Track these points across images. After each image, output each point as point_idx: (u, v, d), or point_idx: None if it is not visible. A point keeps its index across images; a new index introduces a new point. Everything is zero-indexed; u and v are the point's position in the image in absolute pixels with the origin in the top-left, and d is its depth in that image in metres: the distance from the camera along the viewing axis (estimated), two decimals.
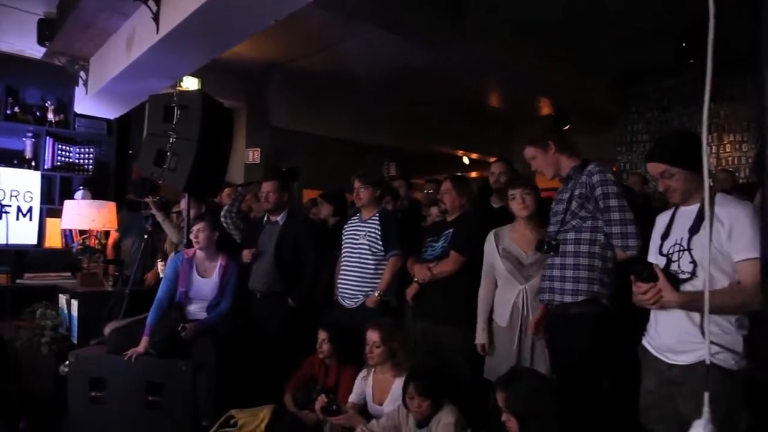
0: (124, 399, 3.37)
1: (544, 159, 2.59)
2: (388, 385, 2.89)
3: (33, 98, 5.24)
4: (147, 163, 3.69)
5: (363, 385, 3.01)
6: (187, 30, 3.35)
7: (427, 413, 2.60)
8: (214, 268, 3.60)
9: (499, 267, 2.86)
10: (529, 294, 2.76)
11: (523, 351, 2.78)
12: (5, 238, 4.47)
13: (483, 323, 2.92)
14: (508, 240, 2.88)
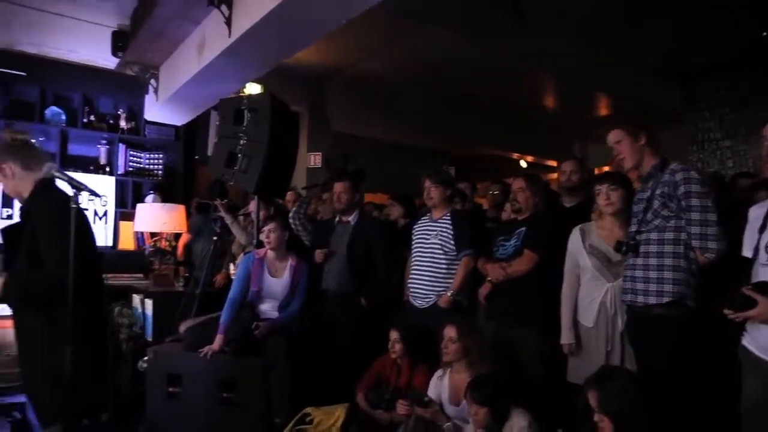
0: (200, 395, 3.44)
1: (631, 147, 2.51)
2: (464, 385, 2.84)
3: (106, 107, 5.46)
4: (218, 165, 3.78)
5: (439, 385, 2.97)
6: (259, 32, 3.42)
7: (485, 422, 2.54)
8: (285, 268, 3.64)
9: (585, 264, 2.77)
10: (617, 292, 2.67)
11: (612, 353, 2.68)
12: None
13: (569, 322, 2.82)
14: (596, 236, 2.80)
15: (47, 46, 5.08)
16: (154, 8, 4.03)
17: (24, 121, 4.99)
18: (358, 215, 3.78)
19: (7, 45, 4.93)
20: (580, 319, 2.79)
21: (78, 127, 5.19)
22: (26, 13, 4.97)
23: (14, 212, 4.57)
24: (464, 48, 5.66)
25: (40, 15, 5.01)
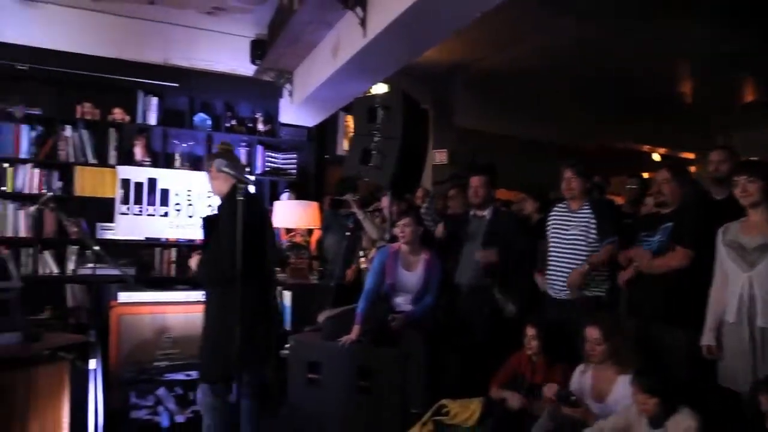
0: (338, 382, 3.59)
1: None
2: (609, 381, 2.75)
3: (245, 111, 5.85)
4: (353, 162, 3.93)
5: (581, 379, 2.88)
6: (393, 31, 3.50)
7: (654, 412, 2.43)
8: (419, 262, 3.70)
9: (722, 257, 2.66)
10: (755, 282, 2.50)
11: (756, 349, 2.50)
12: None
13: (712, 323, 2.69)
14: (734, 230, 2.68)
15: (195, 59, 5.55)
16: (291, 16, 4.27)
17: (176, 127, 5.48)
18: (492, 210, 3.77)
19: (164, 60, 5.44)
20: (726, 316, 2.64)
21: (222, 131, 5.61)
22: (179, 31, 5.47)
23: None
24: (594, 38, 5.44)
25: (189, 31, 5.51)
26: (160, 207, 5.08)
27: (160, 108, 5.42)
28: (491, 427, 3.11)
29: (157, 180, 5.07)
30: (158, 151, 5.39)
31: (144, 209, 5.04)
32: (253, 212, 2.81)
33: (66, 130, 5.10)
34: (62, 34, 5.07)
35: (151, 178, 5.05)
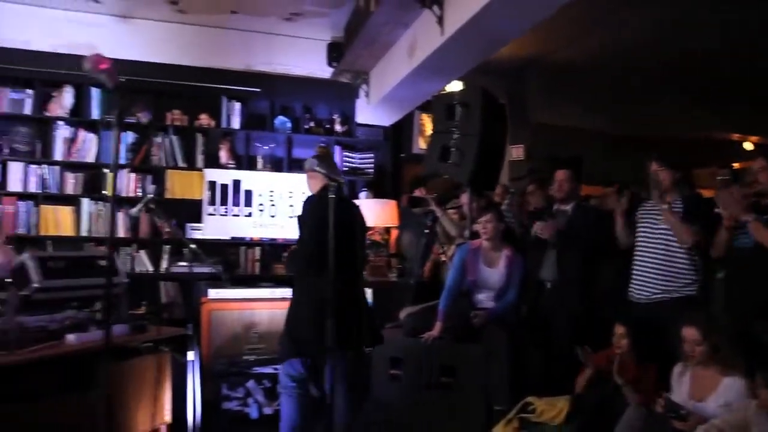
0: (420, 379, 3.63)
1: None
2: (711, 382, 2.63)
3: (323, 113, 6.00)
4: (433, 159, 3.95)
5: (679, 380, 2.78)
6: (472, 28, 3.49)
7: None
8: (500, 258, 3.68)
9: None
10: None
11: None
12: None
13: None
14: None
15: (275, 64, 5.75)
16: (368, 17, 4.34)
17: (258, 130, 5.69)
18: (575, 205, 3.69)
19: (246, 67, 5.68)
20: None
21: (301, 133, 5.78)
22: (259, 38, 5.69)
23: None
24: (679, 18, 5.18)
25: (269, 38, 5.72)
26: (245, 207, 5.28)
27: (243, 112, 5.65)
28: (579, 425, 3.05)
29: (241, 182, 5.27)
30: (242, 153, 5.62)
31: (229, 210, 5.25)
32: (342, 210, 2.92)
33: (158, 137, 5.42)
34: (153, 47, 5.39)
35: (235, 179, 5.26)
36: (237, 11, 5.25)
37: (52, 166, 5.21)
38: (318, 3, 5.03)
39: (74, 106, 5.36)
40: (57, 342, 2.59)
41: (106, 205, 5.26)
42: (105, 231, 5.23)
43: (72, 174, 5.26)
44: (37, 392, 2.51)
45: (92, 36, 5.28)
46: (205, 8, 5.20)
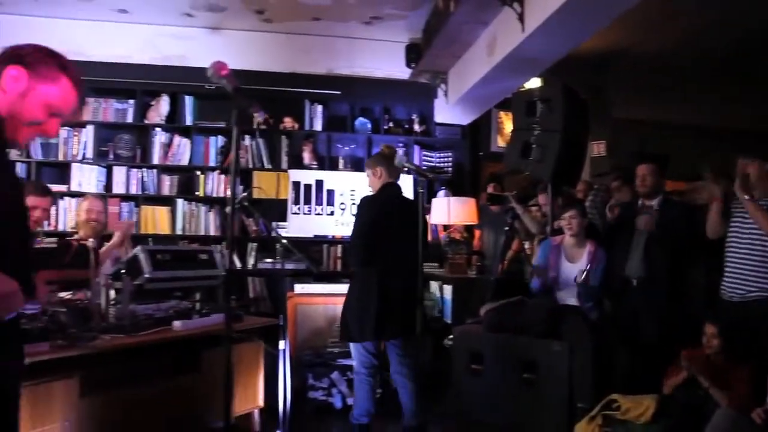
0: (501, 373, 3.65)
1: None
2: None
3: (401, 114, 6.12)
4: (514, 156, 3.96)
5: None
6: (553, 23, 3.48)
7: None
8: (583, 254, 3.65)
9: None
10: None
11: None
12: None
13: None
14: None
15: (355, 67, 5.92)
16: (447, 17, 4.39)
17: (339, 132, 5.89)
18: (661, 200, 3.59)
19: (328, 71, 5.89)
20: None
21: (380, 134, 5.92)
22: (340, 42, 5.88)
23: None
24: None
25: (350, 42, 5.89)
26: (327, 206, 5.47)
27: (325, 115, 5.86)
28: (668, 425, 2.98)
29: (323, 181, 5.47)
30: (324, 154, 5.83)
31: (312, 209, 5.46)
32: (402, 207, 3.49)
33: (245, 140, 5.71)
34: (241, 55, 5.67)
35: (318, 179, 5.46)
36: (319, 18, 5.45)
37: (151, 169, 5.61)
38: (397, 6, 5.14)
39: (169, 114, 5.75)
40: (165, 328, 2.82)
41: (198, 205, 5.61)
42: (197, 229, 5.60)
43: (168, 176, 5.65)
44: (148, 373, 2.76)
45: (186, 48, 5.66)
46: (290, 16, 5.44)
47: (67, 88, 1.61)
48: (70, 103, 1.63)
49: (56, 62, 1.60)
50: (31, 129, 1.59)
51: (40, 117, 1.58)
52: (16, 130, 1.56)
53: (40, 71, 1.56)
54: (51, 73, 1.58)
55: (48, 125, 1.61)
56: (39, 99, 1.56)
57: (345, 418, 3.77)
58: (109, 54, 5.54)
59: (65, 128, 5.49)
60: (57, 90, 1.58)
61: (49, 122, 1.60)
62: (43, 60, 1.58)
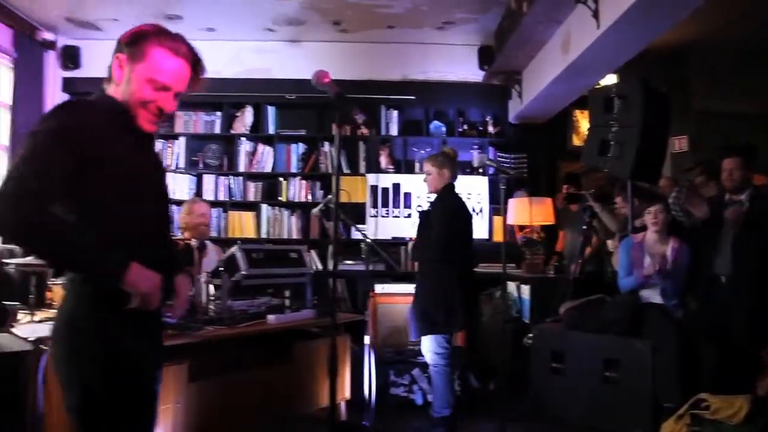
0: (583, 372, 3.63)
1: None
2: None
3: (475, 116, 6.18)
4: (591, 154, 3.94)
5: None
6: (629, 18, 3.45)
7: None
8: (666, 251, 3.59)
9: None
10: None
11: None
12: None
13: None
14: None
15: (429, 72, 6.04)
16: (520, 18, 4.44)
17: (414, 136, 6.03)
18: (750, 194, 3.48)
19: (403, 77, 6.05)
20: None
21: (455, 137, 6.01)
22: (414, 48, 6.03)
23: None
24: None
25: (423, 48, 6.03)
26: (404, 209, 5.62)
27: (400, 119, 6.02)
28: (763, 426, 2.89)
29: (400, 185, 5.62)
30: (400, 158, 5.99)
31: (390, 212, 5.62)
32: (462, 206, 3.77)
33: (324, 146, 5.96)
34: (319, 65, 5.79)
35: (395, 183, 5.62)
36: (393, 26, 5.61)
37: (237, 176, 5.96)
38: (468, 10, 5.23)
39: (253, 123, 6.09)
40: (260, 321, 3.04)
41: (281, 210, 5.90)
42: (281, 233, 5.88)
43: (253, 183, 5.98)
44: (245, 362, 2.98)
45: (268, 61, 5.98)
46: (365, 25, 5.63)
47: (161, 58, 1.59)
48: (171, 72, 1.61)
49: (148, 37, 1.60)
50: (146, 110, 1.60)
51: (147, 96, 1.59)
52: (138, 115, 1.60)
53: (133, 52, 1.59)
54: (141, 49, 1.58)
55: (161, 101, 1.61)
56: (139, 78, 1.58)
57: (426, 413, 3.87)
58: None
59: (160, 140, 5.94)
60: (150, 64, 1.58)
61: (160, 98, 1.60)
62: (135, 40, 1.60)
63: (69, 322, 1.54)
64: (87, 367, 1.51)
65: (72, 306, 1.55)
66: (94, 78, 5.80)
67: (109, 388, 1.52)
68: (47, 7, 5.40)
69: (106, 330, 1.52)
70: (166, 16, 5.45)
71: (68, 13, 5.51)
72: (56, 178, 1.43)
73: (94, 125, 1.52)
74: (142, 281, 1.48)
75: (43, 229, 1.39)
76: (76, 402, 1.52)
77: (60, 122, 1.48)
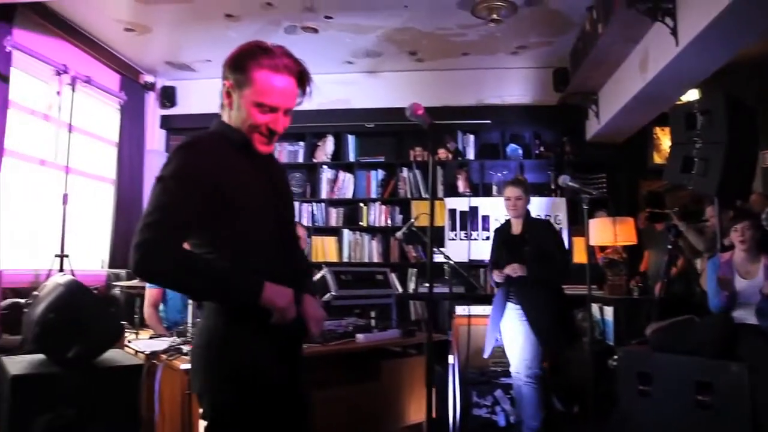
0: (672, 395, 3.53)
1: None
2: None
3: (551, 137, 6.19)
4: (674, 171, 3.88)
5: None
6: (709, 33, 3.42)
7: None
8: (758, 269, 3.47)
9: None
10: None
11: None
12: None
13: None
14: None
15: (504, 96, 6.15)
16: (596, 39, 4.46)
17: (491, 159, 6.11)
18: None
19: (478, 101, 6.19)
20: None
21: (531, 159, 6.05)
22: (488, 74, 6.17)
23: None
24: None
25: (497, 72, 6.17)
26: (482, 231, 5.68)
27: (476, 144, 6.14)
28: None
29: (478, 208, 5.70)
30: (477, 182, 6.08)
31: (468, 234, 5.70)
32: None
33: (403, 172, 6.15)
34: (396, 94, 6.16)
35: (472, 206, 5.71)
36: (468, 53, 5.77)
37: (319, 203, 6.25)
38: (542, 34, 5.30)
39: (334, 152, 6.38)
40: (349, 340, 3.20)
41: (362, 234, 6.11)
42: (362, 256, 6.08)
43: (334, 209, 6.24)
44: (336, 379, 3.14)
45: (348, 92, 6.28)
46: (440, 54, 5.82)
47: (264, 80, 1.59)
48: (276, 92, 1.60)
49: (248, 60, 1.61)
50: (259, 133, 1.64)
51: (257, 120, 1.62)
52: (253, 139, 1.65)
53: (238, 78, 1.61)
54: (244, 74, 1.60)
55: (271, 123, 1.63)
56: (247, 103, 1.61)
57: None
58: None
59: None
60: (255, 88, 1.59)
61: (270, 120, 1.63)
62: (237, 65, 1.62)
63: (206, 337, 1.63)
64: (220, 380, 1.58)
65: (210, 322, 1.63)
66: (188, 115, 6.40)
67: (240, 402, 1.57)
68: (149, 53, 5.94)
69: (241, 346, 1.59)
70: None
71: (167, 57, 6.05)
72: (186, 219, 1.52)
73: (214, 158, 1.58)
74: (277, 297, 1.56)
75: (181, 270, 1.48)
76: (209, 412, 1.61)
77: (183, 163, 1.54)
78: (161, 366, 2.74)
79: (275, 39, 5.50)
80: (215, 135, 1.68)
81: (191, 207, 1.52)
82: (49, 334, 2.73)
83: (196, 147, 1.60)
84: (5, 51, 4.41)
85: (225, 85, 1.65)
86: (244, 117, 1.63)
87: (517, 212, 3.89)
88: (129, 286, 4.16)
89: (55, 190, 4.97)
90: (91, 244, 5.71)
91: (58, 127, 5.27)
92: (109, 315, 3.08)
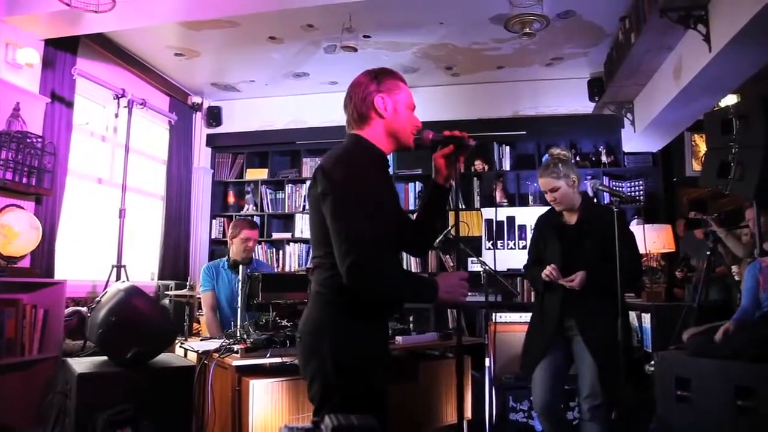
0: (711, 401, 3.52)
1: None
2: None
3: (588, 146, 6.24)
4: (710, 176, 3.89)
5: None
6: (743, 38, 3.46)
7: None
8: None
9: None
10: None
11: None
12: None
13: None
14: None
15: (539, 107, 6.23)
16: (629, 48, 4.52)
17: (527, 169, 6.18)
18: None
19: (513, 113, 6.29)
20: None
21: None
22: (523, 86, 6.27)
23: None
24: None
25: (532, 84, 6.25)
26: (519, 241, 5.75)
27: (512, 154, 6.23)
28: None
29: (515, 218, 5.77)
30: (513, 192, 6.16)
31: (505, 244, 5.77)
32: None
33: None
34: (433, 109, 6.30)
35: (509, 216, 5.79)
36: (503, 66, 5.89)
37: None
38: (577, 45, 5.38)
39: None
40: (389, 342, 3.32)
41: None
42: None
43: None
44: None
45: None
46: (476, 68, 5.96)
47: (403, 86, 1.95)
48: (411, 93, 1.96)
49: (384, 74, 1.93)
50: (411, 133, 1.92)
51: (413, 120, 1.94)
52: (407, 139, 1.93)
53: (389, 87, 1.90)
54: (391, 83, 1.91)
55: (417, 121, 1.96)
56: (403, 106, 1.91)
57: None
58: (324, 119, 6.55)
59: (290, 185, 6.57)
60: (405, 93, 1.93)
61: (416, 118, 1.96)
62: (381, 79, 1.91)
63: (313, 326, 1.78)
64: (324, 367, 1.71)
65: (318, 313, 1.78)
66: (232, 133, 6.69)
67: (342, 389, 1.70)
68: (196, 76, 6.28)
69: (347, 336, 1.73)
70: (294, 75, 6.14)
71: (213, 78, 6.37)
72: (388, 234, 1.78)
73: (374, 174, 1.83)
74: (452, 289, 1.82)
75: (392, 285, 1.75)
76: (315, 397, 1.76)
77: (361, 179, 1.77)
78: (213, 364, 2.93)
79: (316, 58, 5.84)
80: (364, 151, 1.89)
81: (387, 220, 1.79)
82: (110, 335, 2.97)
83: (357, 159, 1.85)
84: (72, 79, 4.78)
85: (380, 97, 1.89)
86: (403, 119, 1.92)
87: (563, 204, 3.25)
88: (178, 295, 4.40)
89: (110, 206, 5.29)
90: (142, 257, 6.02)
91: (114, 147, 5.61)
92: (164, 319, 3.31)
